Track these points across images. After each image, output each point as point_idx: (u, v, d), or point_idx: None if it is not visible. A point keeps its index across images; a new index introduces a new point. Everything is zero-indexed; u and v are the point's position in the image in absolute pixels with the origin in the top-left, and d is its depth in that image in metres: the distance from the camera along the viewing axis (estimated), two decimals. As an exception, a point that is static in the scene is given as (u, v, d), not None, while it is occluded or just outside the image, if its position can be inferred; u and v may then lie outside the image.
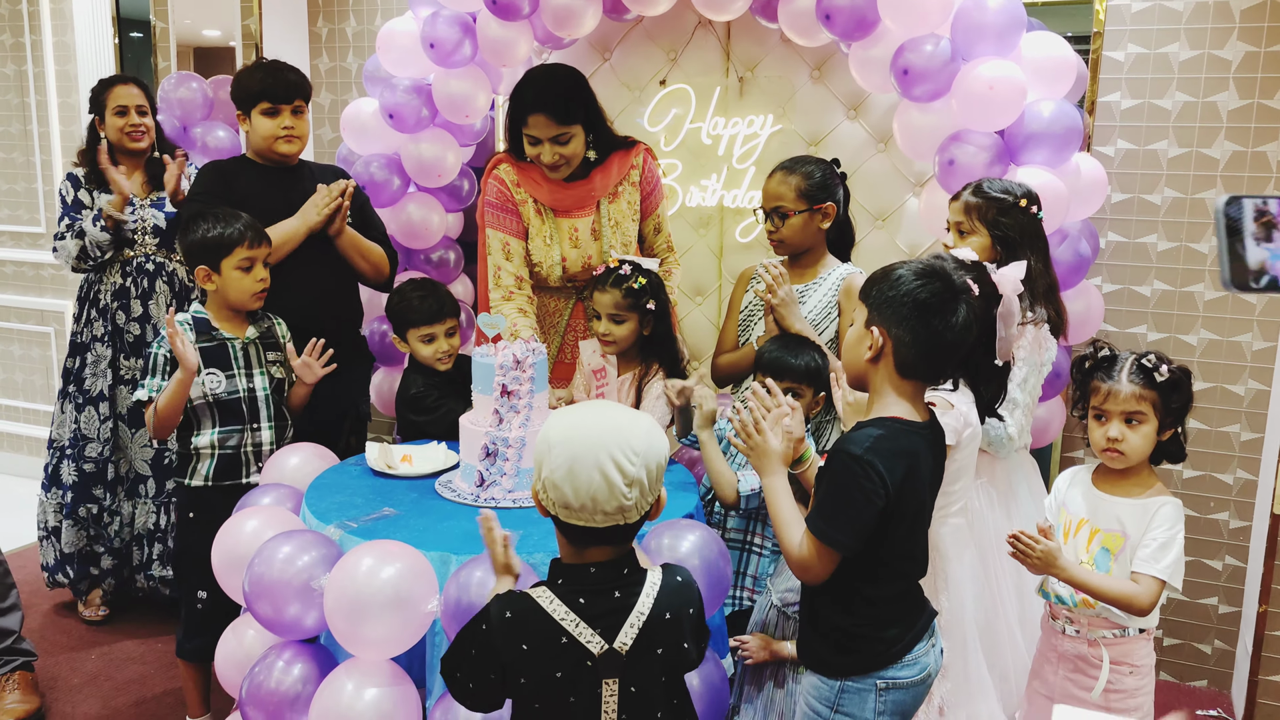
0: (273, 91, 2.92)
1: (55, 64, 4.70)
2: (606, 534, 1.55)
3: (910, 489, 1.73)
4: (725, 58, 3.44)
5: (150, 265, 3.41)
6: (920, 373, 1.77)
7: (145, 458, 3.48)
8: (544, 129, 2.73)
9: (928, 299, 1.71)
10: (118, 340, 3.41)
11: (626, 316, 2.67)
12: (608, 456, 1.51)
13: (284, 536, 2.06)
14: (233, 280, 2.63)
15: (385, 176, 3.52)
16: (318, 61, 4.11)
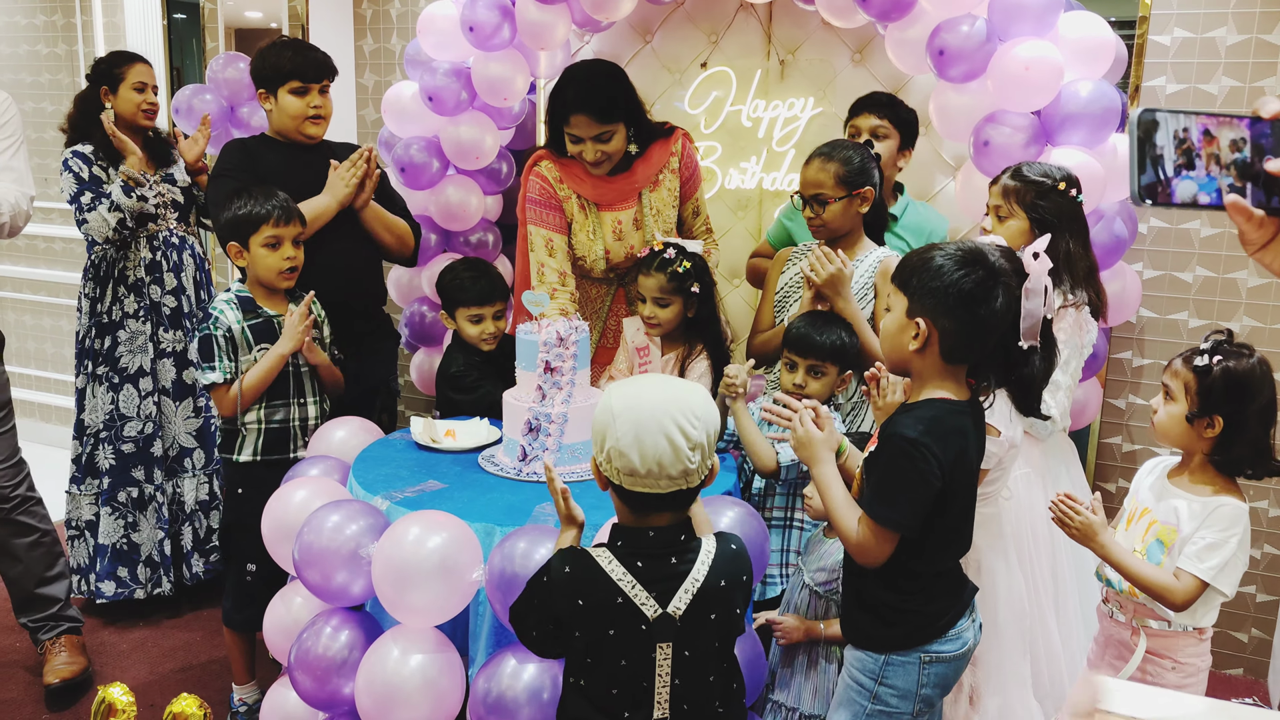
0: (303, 70, 2.92)
1: (105, 45, 4.78)
2: (668, 499, 1.61)
3: (961, 467, 1.78)
4: (766, 40, 3.45)
5: (175, 239, 3.46)
6: (965, 357, 1.81)
7: (190, 430, 3.51)
8: (586, 128, 2.75)
9: (973, 289, 1.74)
10: (155, 315, 3.42)
11: (671, 300, 2.70)
12: (671, 421, 1.57)
13: (333, 506, 2.12)
14: (259, 257, 2.68)
15: (425, 159, 3.57)
16: (362, 43, 4.17)
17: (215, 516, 3.55)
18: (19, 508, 2.94)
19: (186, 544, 3.53)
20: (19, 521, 2.94)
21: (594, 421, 1.64)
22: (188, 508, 3.51)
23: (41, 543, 2.99)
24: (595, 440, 1.63)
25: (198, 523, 3.54)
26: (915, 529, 1.76)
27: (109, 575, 3.43)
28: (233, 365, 2.67)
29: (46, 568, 3.01)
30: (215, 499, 3.55)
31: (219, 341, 2.66)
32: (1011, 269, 1.80)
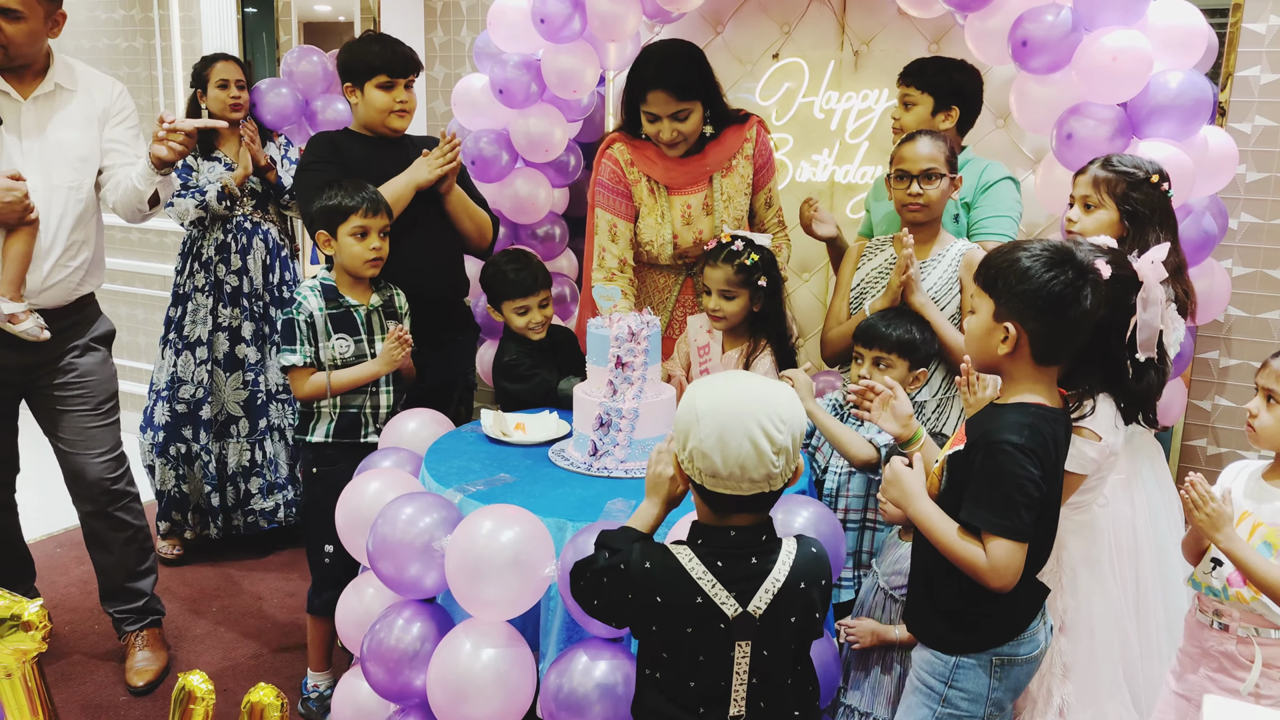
0: (390, 65, 2.95)
1: (181, 38, 4.87)
2: (750, 501, 1.59)
3: (1056, 475, 1.76)
4: (840, 31, 3.40)
5: (248, 224, 3.75)
6: (1057, 359, 1.78)
7: (238, 400, 3.78)
8: (663, 105, 2.73)
9: (1063, 291, 1.71)
10: (218, 291, 3.72)
11: (737, 293, 2.67)
12: (756, 425, 1.54)
13: (406, 498, 2.13)
14: (346, 246, 2.71)
15: (494, 152, 3.57)
16: (432, 35, 4.18)
17: (255, 482, 3.83)
18: (117, 501, 2.99)
19: (229, 501, 3.82)
20: (116, 517, 3.00)
21: (677, 419, 1.62)
22: (230, 469, 3.79)
23: (135, 539, 3.05)
24: (678, 438, 1.62)
25: (240, 483, 3.82)
26: (1033, 536, 1.73)
27: (165, 516, 3.82)
28: (312, 350, 2.71)
29: (138, 563, 3.07)
30: (255, 465, 3.82)
31: (300, 326, 2.70)
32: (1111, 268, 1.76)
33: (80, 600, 3.51)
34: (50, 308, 2.80)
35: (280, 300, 3.82)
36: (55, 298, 2.81)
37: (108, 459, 2.96)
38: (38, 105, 2.75)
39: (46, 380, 2.88)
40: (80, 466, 2.93)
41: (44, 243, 2.73)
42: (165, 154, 2.71)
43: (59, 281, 2.79)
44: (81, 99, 2.81)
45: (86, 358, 2.92)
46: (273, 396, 3.83)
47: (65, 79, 2.80)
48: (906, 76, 2.87)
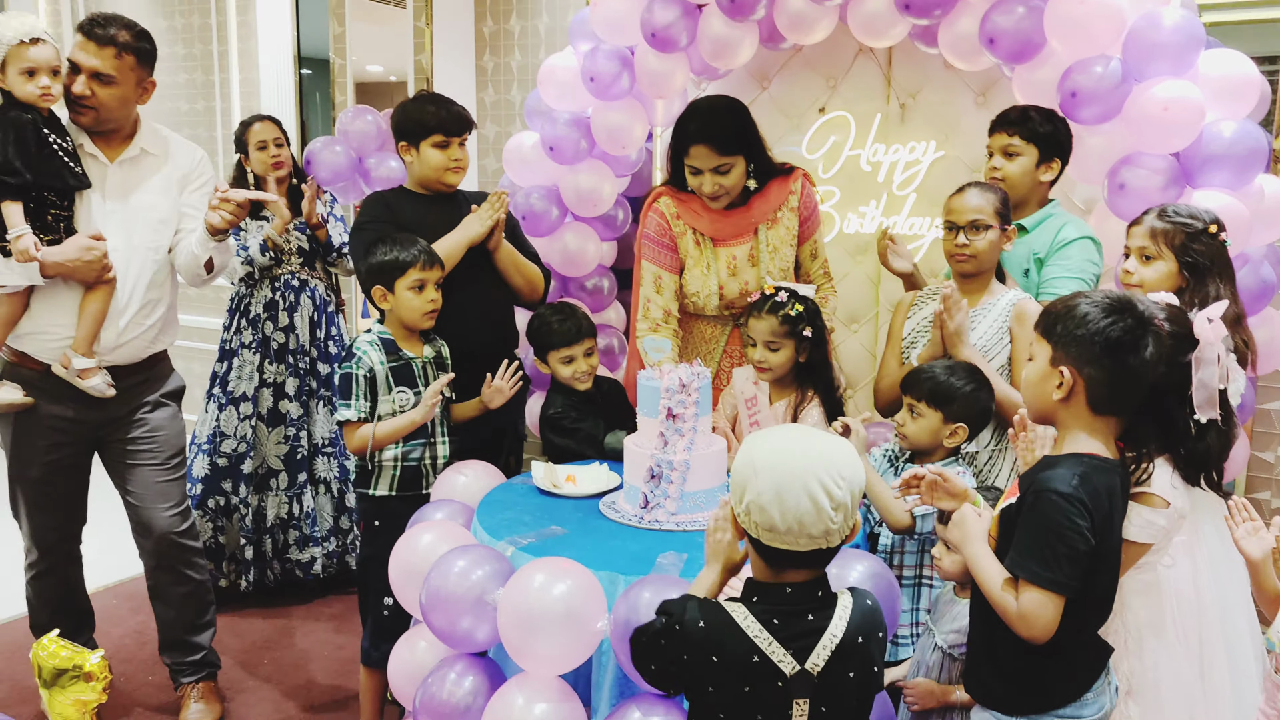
0: (446, 125, 3.02)
1: (241, 100, 5.03)
2: (807, 557, 1.58)
3: (1110, 528, 1.72)
4: (886, 84, 3.42)
5: (296, 282, 3.82)
6: (1114, 409, 1.75)
7: (279, 454, 3.81)
8: (705, 159, 2.77)
9: (1121, 336, 1.69)
10: (264, 348, 3.77)
11: (782, 344, 2.67)
12: (816, 481, 1.54)
13: (459, 551, 2.14)
14: (405, 300, 2.75)
15: (544, 207, 3.63)
16: (483, 94, 4.28)
17: (293, 534, 3.84)
18: (181, 555, 3.04)
19: (267, 552, 3.83)
20: (179, 571, 3.05)
21: (735, 472, 1.61)
22: (268, 522, 3.81)
23: (195, 594, 3.09)
24: (735, 491, 1.61)
25: (277, 536, 3.84)
26: (1076, 590, 1.69)
27: None
28: (368, 405, 2.74)
29: (197, 615, 3.11)
30: (293, 518, 3.83)
31: (359, 381, 2.73)
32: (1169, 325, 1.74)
33: (135, 651, 3.54)
34: (124, 364, 2.87)
35: (327, 355, 3.87)
36: (129, 354, 2.88)
37: (174, 513, 3.01)
38: (123, 169, 2.84)
39: (119, 435, 2.95)
40: (148, 519, 2.98)
41: (120, 301, 2.81)
42: (218, 222, 2.79)
43: (133, 339, 2.87)
44: (165, 164, 2.90)
45: (157, 413, 2.99)
46: (317, 450, 3.86)
47: (150, 144, 2.89)
48: (1009, 125, 2.80)
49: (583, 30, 3.52)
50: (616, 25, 3.39)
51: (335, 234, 3.84)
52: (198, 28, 5.10)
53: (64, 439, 2.88)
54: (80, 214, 2.76)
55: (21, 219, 2.64)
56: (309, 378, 3.84)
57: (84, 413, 2.86)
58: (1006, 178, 2.80)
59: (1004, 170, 2.80)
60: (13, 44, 2.59)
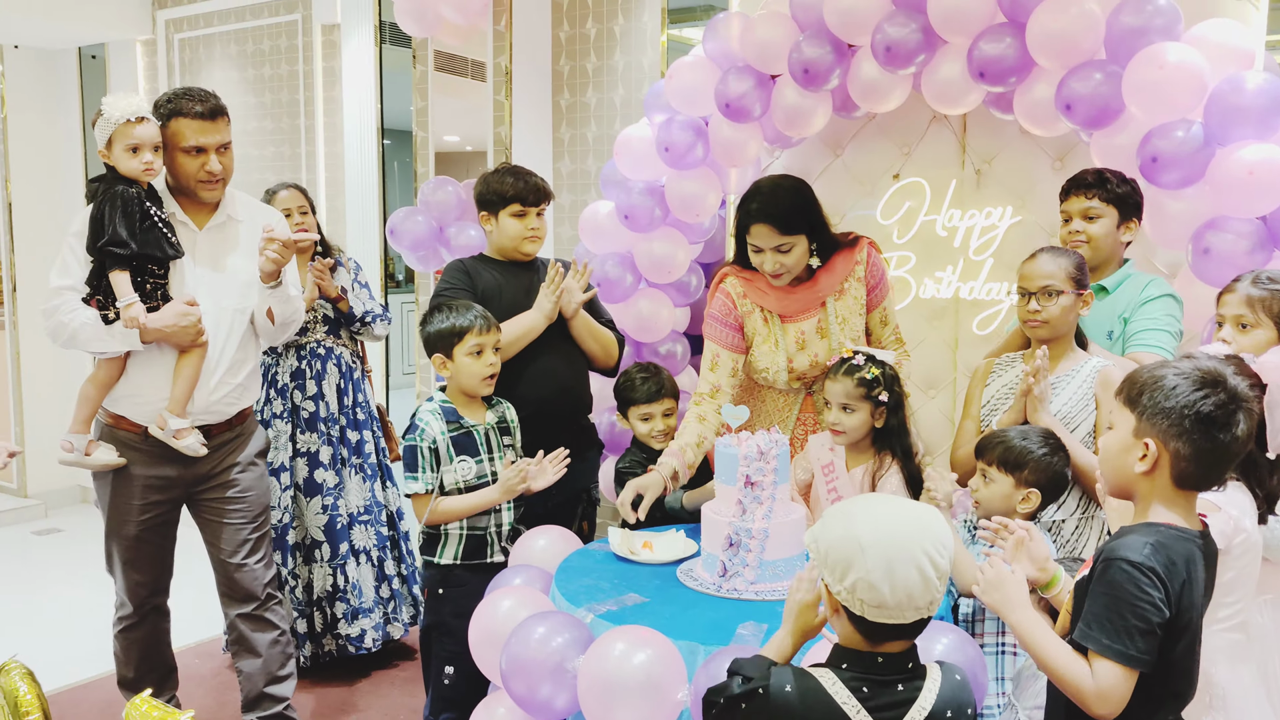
0: (524, 196, 3.13)
1: (326, 171, 5.21)
2: (909, 628, 1.56)
3: (1188, 600, 1.65)
4: (961, 150, 3.43)
5: (321, 350, 3.80)
6: (1199, 484, 1.70)
7: (319, 524, 3.77)
8: (767, 238, 2.79)
9: (1212, 412, 1.64)
10: (295, 417, 3.75)
11: (858, 406, 2.66)
12: (923, 553, 1.53)
13: (539, 617, 2.15)
14: (464, 366, 2.81)
15: (619, 274, 3.68)
16: (559, 164, 4.38)
17: (340, 607, 3.78)
18: (268, 603, 3.11)
19: (317, 626, 3.78)
20: (265, 618, 3.11)
21: (832, 549, 1.58)
22: (315, 594, 3.75)
23: (279, 641, 3.15)
24: (835, 570, 1.58)
25: (326, 608, 3.78)
26: (1151, 663, 1.63)
27: None
28: (435, 476, 2.78)
29: (280, 665, 3.15)
30: (339, 590, 3.78)
31: (423, 453, 2.78)
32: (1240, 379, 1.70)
33: (216, 711, 3.59)
34: (214, 423, 2.97)
35: (355, 423, 3.86)
36: (219, 413, 2.98)
37: (261, 564, 3.10)
38: (211, 235, 2.97)
39: (211, 494, 3.04)
40: (236, 572, 3.06)
41: (210, 362, 2.92)
42: (265, 264, 2.88)
43: (222, 397, 2.97)
44: (248, 228, 3.02)
45: (247, 473, 3.08)
46: (354, 519, 3.83)
47: (235, 211, 3.02)
48: (1087, 188, 2.81)
49: (658, 102, 3.60)
50: (691, 96, 3.46)
51: (359, 302, 3.82)
52: (286, 103, 5.31)
53: (159, 497, 2.97)
54: (173, 279, 2.88)
55: (130, 288, 2.76)
56: (340, 446, 3.83)
57: (178, 471, 2.96)
58: (1091, 240, 2.79)
59: (1087, 232, 2.79)
60: (120, 123, 2.74)
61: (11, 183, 6.06)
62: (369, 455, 3.90)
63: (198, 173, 2.87)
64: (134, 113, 2.75)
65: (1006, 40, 2.89)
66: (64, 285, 2.82)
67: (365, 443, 3.89)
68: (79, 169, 6.24)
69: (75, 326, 2.79)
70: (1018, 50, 2.89)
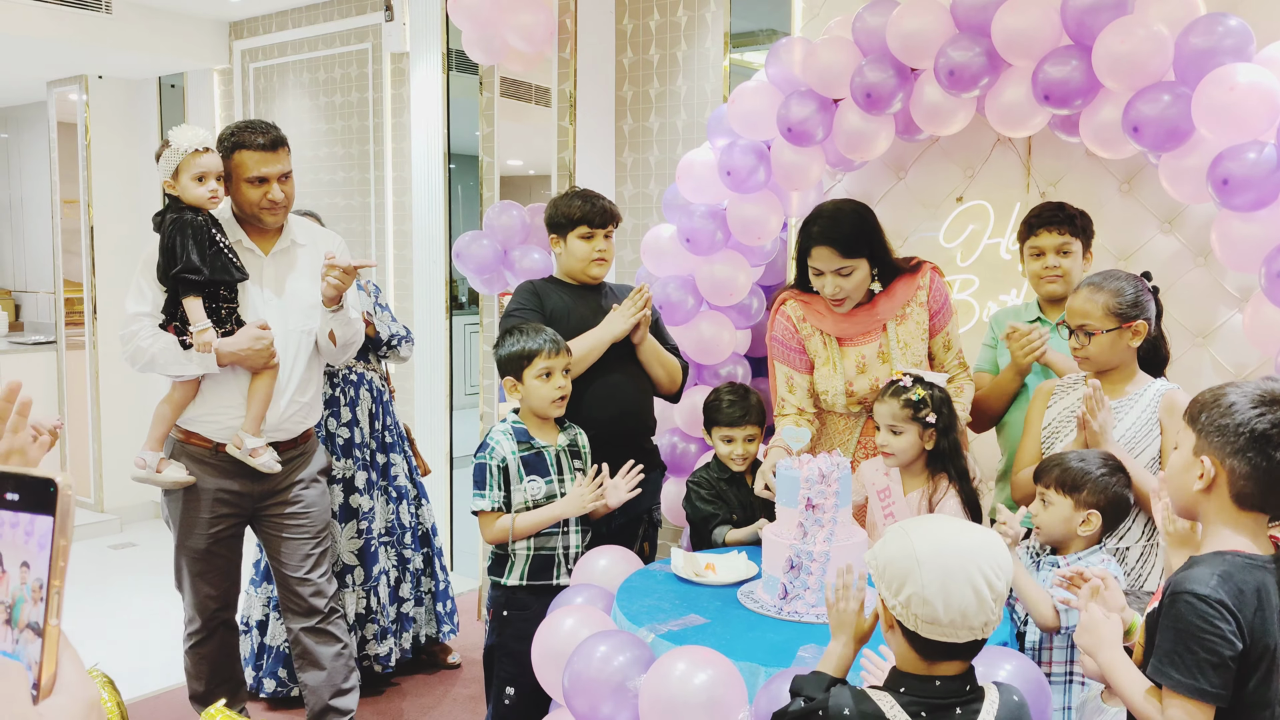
0: (590, 218, 3.17)
1: (393, 195, 5.33)
2: (962, 649, 1.57)
3: (1263, 629, 1.63)
4: (1026, 173, 3.41)
5: (353, 376, 3.80)
6: (1260, 504, 1.67)
7: (353, 549, 3.77)
8: (828, 261, 2.81)
9: (1267, 429, 1.63)
10: (329, 444, 3.72)
11: (905, 428, 2.66)
12: (979, 572, 1.54)
13: (601, 636, 2.17)
14: (534, 388, 2.85)
15: (681, 296, 3.71)
16: (622, 188, 4.43)
17: (370, 628, 3.80)
18: (329, 617, 3.19)
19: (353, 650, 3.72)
20: (328, 631, 3.19)
21: (889, 564, 1.61)
22: (349, 619, 3.71)
23: (342, 654, 3.22)
24: (890, 583, 1.60)
25: (358, 631, 3.79)
26: (1226, 698, 1.61)
27: (271, 674, 3.77)
28: (502, 495, 2.83)
29: (344, 679, 3.22)
30: (371, 612, 3.79)
31: (492, 471, 2.83)
32: None
33: (281, 723, 3.67)
34: (284, 440, 3.07)
35: (384, 446, 3.88)
36: (287, 431, 3.08)
37: (324, 578, 3.18)
38: (276, 260, 3.07)
39: (275, 510, 3.13)
40: (300, 586, 3.14)
41: (280, 382, 3.02)
42: (326, 290, 2.97)
43: (291, 415, 3.07)
44: (310, 252, 3.12)
45: (310, 490, 3.17)
46: (381, 541, 3.85)
47: (299, 236, 3.13)
48: (1058, 224, 2.91)
49: (720, 126, 3.63)
50: (753, 121, 3.49)
51: (383, 326, 3.82)
52: (356, 129, 5.45)
53: (227, 510, 3.06)
54: (243, 304, 2.98)
55: (203, 314, 2.87)
56: (372, 470, 3.84)
57: (248, 486, 3.05)
58: (1065, 274, 2.90)
59: (1062, 267, 2.90)
60: (188, 153, 2.86)
61: (95, 208, 6.30)
62: (395, 478, 3.94)
63: (261, 200, 2.98)
64: (200, 143, 2.88)
65: (1072, 63, 2.88)
66: (140, 311, 2.93)
67: (393, 465, 3.93)
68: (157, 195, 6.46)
69: (154, 352, 2.90)
70: (1084, 73, 2.87)
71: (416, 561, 4.00)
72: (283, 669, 3.77)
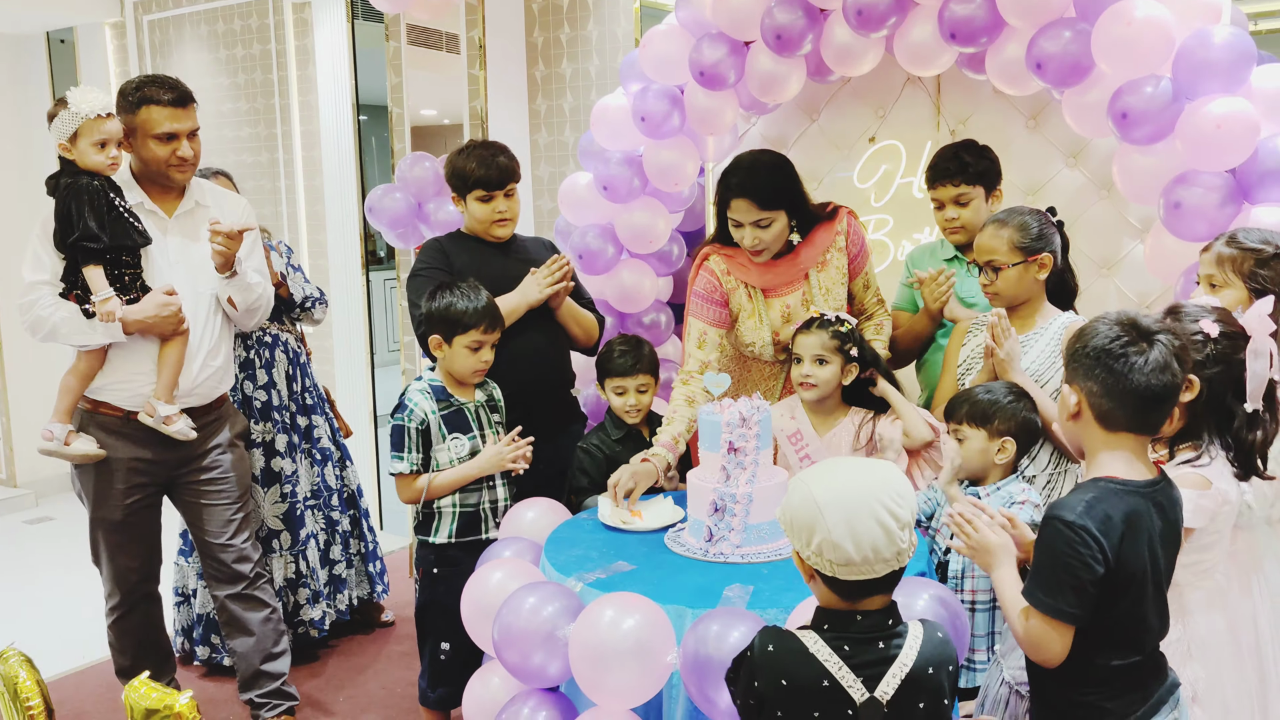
0: (487, 180, 3.11)
1: (303, 150, 5.21)
2: (881, 582, 1.62)
3: (1132, 553, 1.72)
4: (936, 112, 3.46)
5: (268, 338, 3.72)
6: (1123, 422, 1.76)
7: (278, 514, 3.73)
8: (746, 213, 2.82)
9: (1108, 344, 1.73)
10: (246, 409, 3.65)
11: (831, 359, 2.72)
12: (881, 505, 1.58)
13: (529, 588, 2.20)
14: (460, 356, 2.84)
15: (600, 245, 3.71)
16: (536, 136, 4.39)
17: (303, 593, 3.79)
18: (255, 583, 3.18)
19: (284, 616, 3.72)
20: (255, 597, 3.18)
21: (795, 515, 1.64)
22: (277, 585, 3.71)
23: (271, 618, 3.21)
24: (799, 534, 1.63)
25: (289, 596, 3.76)
26: (1082, 619, 1.71)
27: (204, 641, 3.76)
28: (420, 456, 2.82)
29: (274, 643, 3.21)
30: (301, 576, 3.77)
31: (410, 433, 2.81)
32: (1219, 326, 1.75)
33: (215, 692, 3.65)
34: (197, 406, 3.01)
35: (305, 408, 3.83)
36: (201, 396, 3.03)
37: (248, 543, 3.17)
38: (180, 222, 2.99)
39: (192, 477, 3.08)
40: (223, 552, 3.12)
41: (191, 347, 2.96)
42: (214, 256, 2.92)
43: (204, 380, 3.01)
44: (216, 214, 3.04)
45: (228, 455, 3.13)
46: (307, 504, 3.82)
47: (202, 197, 3.05)
48: (950, 176, 2.96)
49: (633, 71, 3.61)
50: (665, 65, 3.48)
51: (296, 288, 3.76)
52: (260, 83, 5.30)
53: (142, 480, 3.01)
54: (147, 268, 2.90)
55: (105, 282, 2.79)
56: (293, 433, 3.79)
57: (162, 454, 3.00)
58: (965, 224, 2.97)
59: (962, 218, 2.97)
60: (89, 118, 2.76)
61: (-17, 172, 6.04)
62: (318, 440, 3.89)
63: (170, 158, 2.90)
64: (104, 108, 2.78)
65: (977, 1, 2.91)
66: (39, 280, 2.84)
67: (315, 427, 3.88)
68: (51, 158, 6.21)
69: (55, 321, 2.81)
70: (988, 10, 2.91)
71: (344, 524, 3.98)
72: (216, 636, 3.74)
